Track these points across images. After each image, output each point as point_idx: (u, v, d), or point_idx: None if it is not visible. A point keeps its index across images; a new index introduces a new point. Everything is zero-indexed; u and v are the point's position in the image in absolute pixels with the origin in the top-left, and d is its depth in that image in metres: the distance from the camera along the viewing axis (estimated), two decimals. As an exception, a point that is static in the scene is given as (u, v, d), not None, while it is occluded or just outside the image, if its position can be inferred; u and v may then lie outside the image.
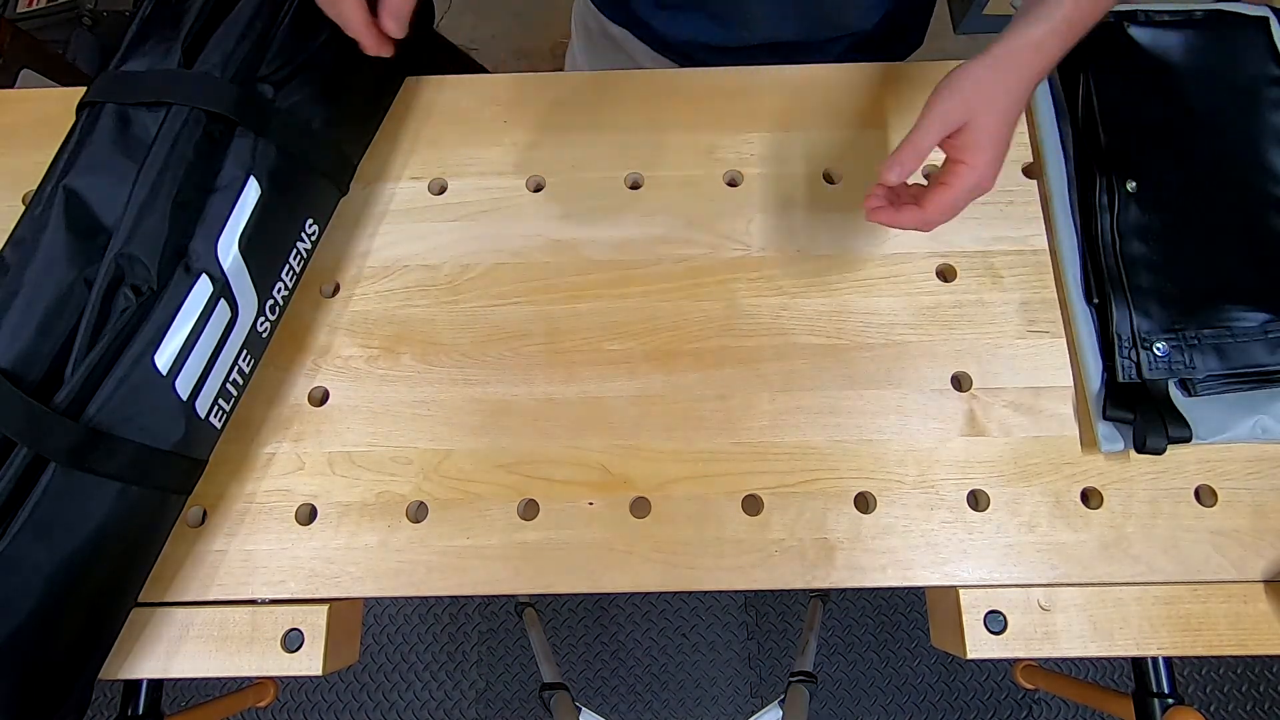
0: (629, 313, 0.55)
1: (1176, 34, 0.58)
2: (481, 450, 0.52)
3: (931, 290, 0.55)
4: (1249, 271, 0.52)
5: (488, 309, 0.56)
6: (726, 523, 0.50)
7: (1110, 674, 1.26)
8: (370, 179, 0.59)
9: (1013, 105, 0.45)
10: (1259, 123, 0.56)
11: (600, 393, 0.53)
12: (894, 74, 0.61)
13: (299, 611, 0.50)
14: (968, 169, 0.44)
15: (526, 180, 0.59)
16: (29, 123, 0.61)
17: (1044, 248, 0.56)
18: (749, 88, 0.61)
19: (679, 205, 0.58)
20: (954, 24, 1.71)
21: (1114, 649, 0.48)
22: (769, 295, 0.55)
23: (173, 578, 0.50)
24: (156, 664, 0.49)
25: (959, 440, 0.52)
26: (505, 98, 0.62)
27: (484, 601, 1.34)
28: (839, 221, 0.57)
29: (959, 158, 0.45)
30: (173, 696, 0.53)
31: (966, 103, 0.44)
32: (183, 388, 0.45)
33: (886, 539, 0.50)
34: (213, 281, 0.45)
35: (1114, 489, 0.51)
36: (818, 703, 1.26)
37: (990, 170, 0.45)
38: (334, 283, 0.57)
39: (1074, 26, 0.45)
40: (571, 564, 0.50)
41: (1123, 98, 0.56)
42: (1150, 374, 0.50)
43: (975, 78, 0.44)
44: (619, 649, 1.30)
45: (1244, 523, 0.50)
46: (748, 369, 0.54)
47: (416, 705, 1.29)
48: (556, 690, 0.87)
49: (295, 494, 0.52)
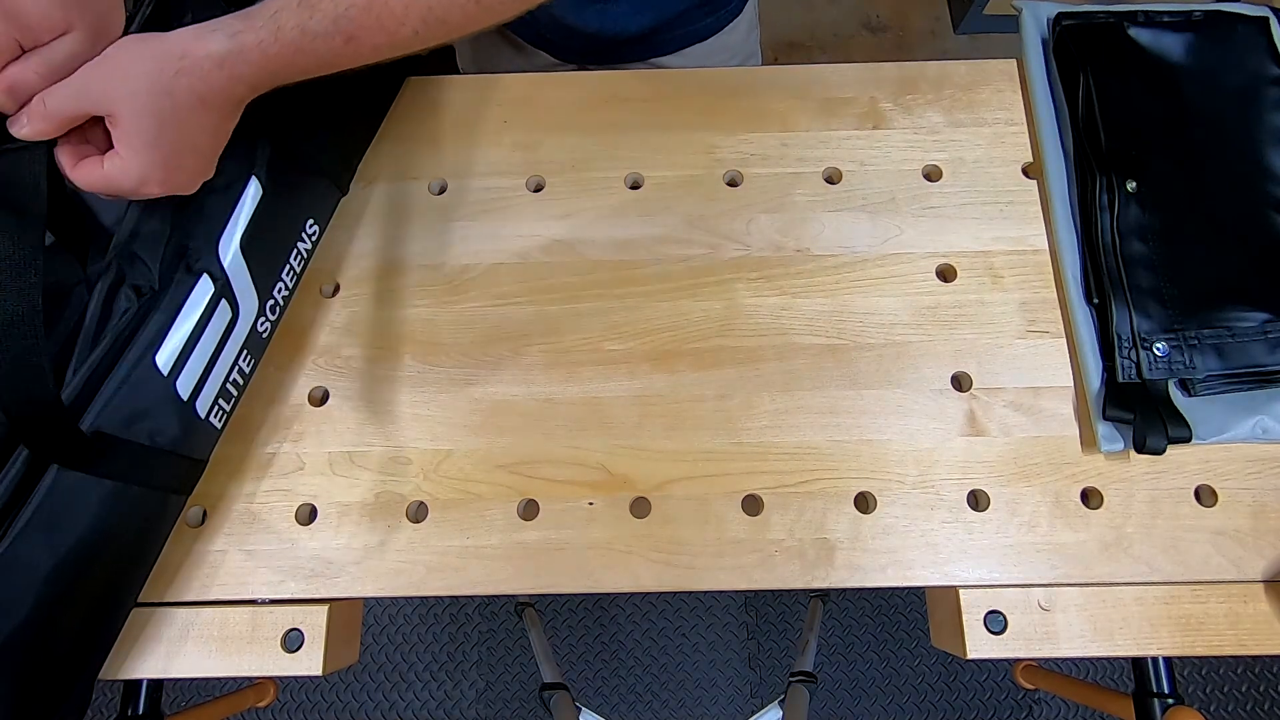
0: (629, 313, 0.55)
1: (1176, 34, 0.58)
2: (481, 450, 0.52)
3: (931, 290, 0.55)
4: (1249, 271, 0.52)
5: (488, 309, 0.56)
6: (726, 523, 0.51)
7: (1110, 674, 1.26)
8: (370, 179, 0.59)
9: (154, 99, 0.39)
10: (1259, 123, 0.56)
11: (600, 393, 0.53)
12: (894, 74, 0.61)
13: (299, 611, 0.50)
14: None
15: (526, 180, 0.59)
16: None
17: (1044, 248, 0.56)
18: (749, 88, 0.61)
19: (679, 205, 0.58)
20: (954, 24, 1.71)
21: (1114, 649, 0.48)
22: (769, 295, 0.56)
23: (173, 578, 0.50)
24: (156, 664, 0.49)
25: (959, 440, 0.52)
26: (505, 98, 0.62)
27: (484, 601, 1.34)
28: (839, 221, 0.57)
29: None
30: (173, 696, 0.53)
31: (106, 79, 0.39)
32: (183, 388, 0.45)
33: (886, 539, 0.50)
34: (214, 281, 0.45)
35: (1114, 489, 0.51)
36: (818, 703, 1.26)
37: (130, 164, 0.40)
38: (334, 283, 0.57)
39: (273, 63, 0.40)
40: (571, 564, 0.50)
41: (1123, 98, 0.56)
42: (1150, 374, 0.50)
43: (121, 53, 0.39)
44: (619, 649, 1.30)
45: (1244, 523, 0.50)
46: (748, 369, 0.54)
47: (416, 705, 1.29)
48: (556, 690, 0.87)
49: (295, 494, 0.52)
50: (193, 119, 0.41)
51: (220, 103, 0.41)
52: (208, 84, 0.40)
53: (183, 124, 0.40)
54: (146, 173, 0.40)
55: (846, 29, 1.74)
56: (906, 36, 1.72)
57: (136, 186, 0.40)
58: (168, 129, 0.40)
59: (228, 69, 0.40)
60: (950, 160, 0.59)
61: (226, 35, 0.39)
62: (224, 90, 0.41)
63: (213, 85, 0.40)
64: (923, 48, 1.71)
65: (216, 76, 0.40)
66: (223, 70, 0.40)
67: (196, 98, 0.40)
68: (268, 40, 0.40)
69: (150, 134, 0.39)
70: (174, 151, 0.41)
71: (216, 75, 0.40)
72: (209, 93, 0.40)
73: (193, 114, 0.40)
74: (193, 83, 0.39)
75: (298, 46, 0.40)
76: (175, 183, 0.42)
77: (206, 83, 0.40)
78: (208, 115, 0.41)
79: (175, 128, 0.40)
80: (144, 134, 0.39)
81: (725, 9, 0.72)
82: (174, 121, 0.40)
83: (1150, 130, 0.55)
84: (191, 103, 0.40)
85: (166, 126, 0.40)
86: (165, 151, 0.40)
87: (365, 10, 0.40)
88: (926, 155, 0.59)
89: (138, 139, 0.39)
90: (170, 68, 0.39)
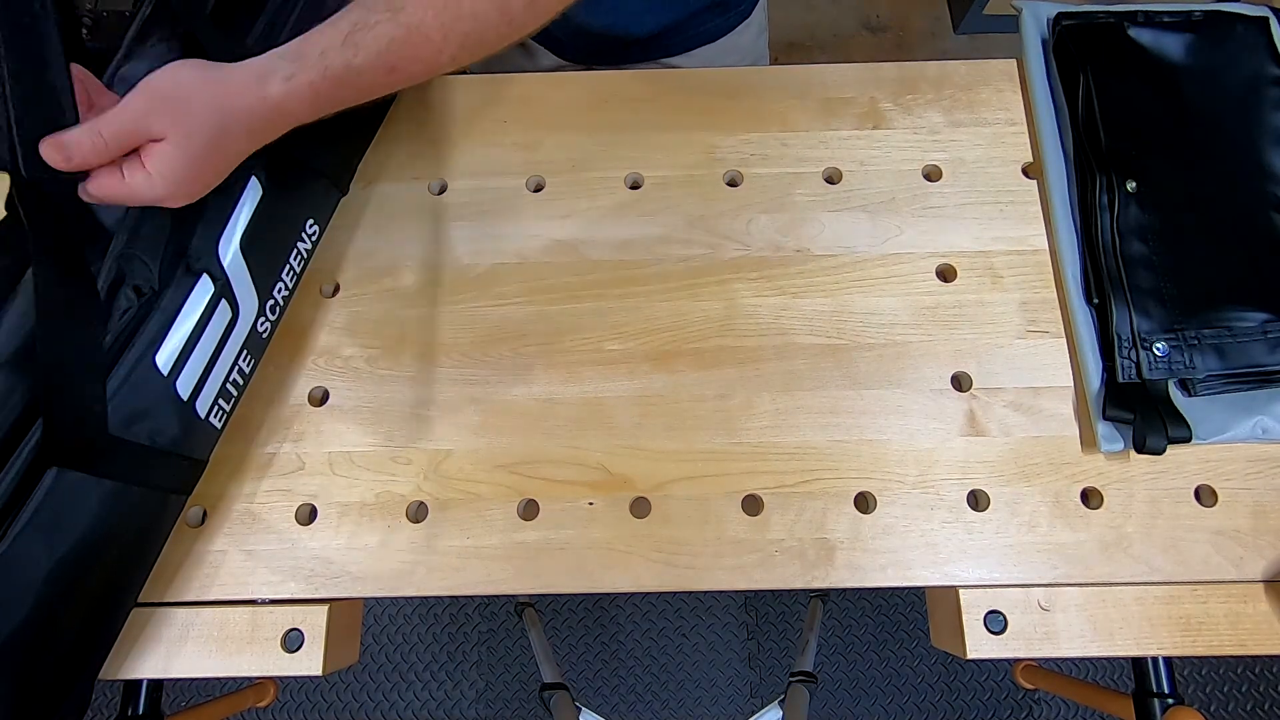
0: (629, 313, 0.55)
1: (1176, 34, 0.58)
2: (481, 450, 0.52)
3: (931, 290, 0.55)
4: (1249, 271, 0.52)
5: (488, 309, 0.56)
6: (726, 523, 0.50)
7: (1110, 674, 1.26)
8: (370, 179, 0.59)
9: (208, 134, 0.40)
10: (1259, 123, 0.56)
11: (600, 393, 0.53)
12: (894, 74, 0.61)
13: (299, 611, 0.50)
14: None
15: (526, 180, 0.59)
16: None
17: (1044, 248, 0.56)
18: (749, 88, 0.61)
19: (679, 205, 0.58)
20: (954, 24, 1.71)
21: (1114, 649, 0.48)
22: (769, 295, 0.56)
23: (173, 578, 0.50)
24: (156, 664, 0.49)
25: (959, 440, 0.52)
26: (505, 98, 0.62)
27: (484, 601, 1.33)
28: (839, 221, 0.57)
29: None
30: (173, 696, 0.53)
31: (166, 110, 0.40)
32: (183, 388, 0.45)
33: (886, 539, 0.50)
34: (214, 281, 0.45)
35: (1114, 489, 0.51)
36: (818, 703, 1.26)
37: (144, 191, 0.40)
38: (334, 283, 0.57)
39: (320, 100, 0.43)
40: (571, 564, 0.50)
41: (1123, 98, 0.56)
42: (1150, 374, 0.50)
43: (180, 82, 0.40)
44: (619, 649, 1.30)
45: (1244, 523, 0.50)
46: (748, 369, 0.54)
47: (416, 705, 1.29)
48: (556, 690, 0.87)
49: (295, 494, 0.52)
50: (234, 148, 0.43)
51: (266, 137, 0.44)
52: (261, 123, 0.42)
53: (225, 153, 0.42)
54: (173, 191, 0.41)
55: (846, 29, 1.74)
56: (906, 36, 1.72)
57: (156, 201, 0.41)
58: (211, 158, 0.42)
59: (282, 110, 0.42)
60: (950, 160, 0.59)
61: (283, 79, 0.41)
62: (273, 126, 0.43)
63: (266, 124, 0.43)
64: (923, 48, 1.71)
65: (271, 117, 0.42)
66: (279, 113, 0.42)
67: (246, 133, 0.42)
68: (317, 80, 0.42)
69: (193, 164, 0.41)
70: (205, 173, 0.42)
71: (272, 116, 0.42)
72: (259, 130, 0.43)
73: (236, 144, 0.42)
74: (249, 122, 0.42)
75: (343, 82, 0.43)
76: (192, 196, 0.43)
77: (261, 122, 0.42)
78: (250, 145, 0.43)
79: (218, 156, 0.42)
80: (187, 163, 0.40)
81: (735, 10, 0.72)
82: (219, 152, 0.42)
83: (1150, 130, 0.55)
84: (240, 137, 0.42)
85: (211, 156, 0.41)
86: (196, 173, 0.41)
87: (405, 43, 0.43)
88: (926, 155, 0.59)
89: (179, 164, 0.40)
90: (229, 107, 0.41)
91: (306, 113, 0.43)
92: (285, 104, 0.42)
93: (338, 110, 0.45)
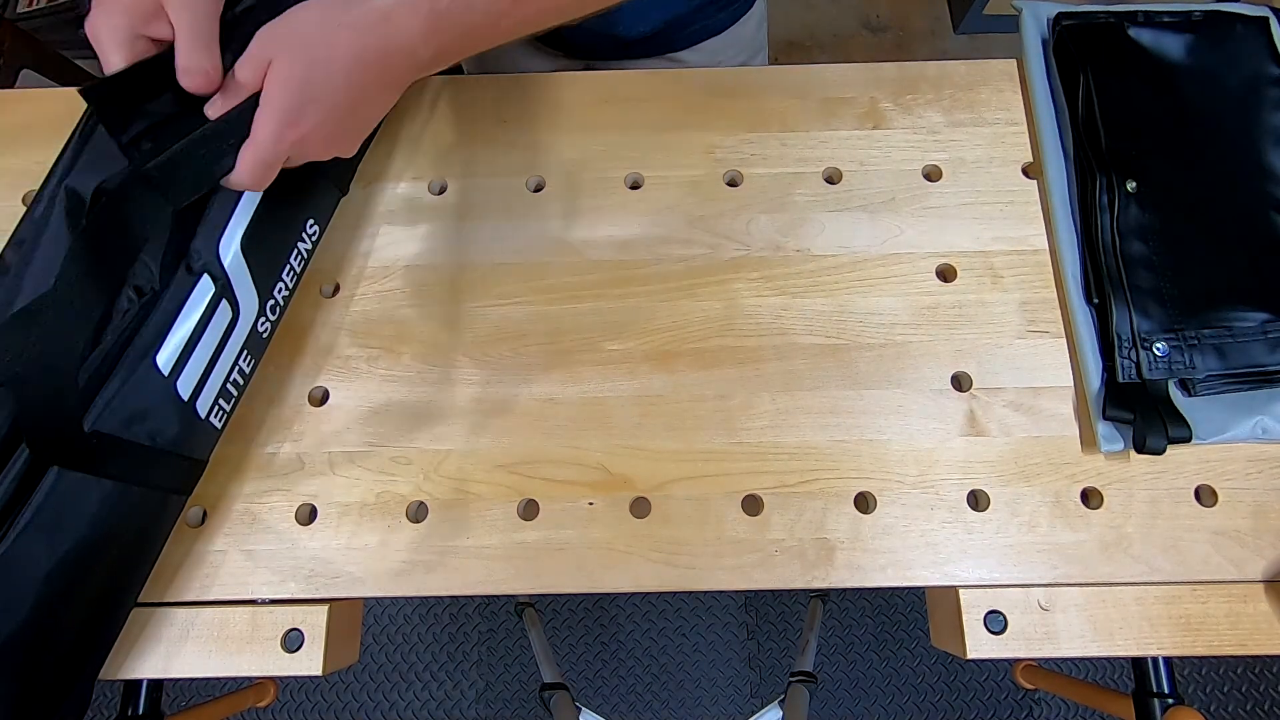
0: (629, 313, 0.55)
1: (1176, 34, 0.58)
2: (481, 450, 0.52)
3: (931, 290, 0.55)
4: (1249, 271, 0.52)
5: (488, 309, 0.56)
6: (726, 523, 0.51)
7: (1110, 674, 1.26)
8: (370, 179, 0.59)
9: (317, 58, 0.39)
10: (1259, 123, 0.56)
11: (600, 393, 0.53)
12: (894, 74, 0.61)
13: (299, 611, 0.50)
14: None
15: (526, 180, 0.59)
16: (29, 123, 0.60)
17: (1044, 248, 0.56)
18: (749, 88, 0.61)
19: (679, 205, 0.58)
20: (954, 24, 1.71)
21: (1114, 649, 0.48)
22: (769, 295, 0.56)
23: (173, 578, 0.50)
24: (156, 664, 0.49)
25: (959, 440, 0.52)
26: (505, 97, 0.62)
27: (484, 601, 1.34)
28: (839, 221, 0.57)
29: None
30: (173, 696, 0.53)
31: (276, 39, 0.39)
32: (184, 388, 0.45)
33: (886, 539, 0.50)
34: (214, 281, 0.45)
35: (1114, 489, 0.51)
36: (818, 703, 1.27)
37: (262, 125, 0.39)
38: (334, 283, 0.57)
39: (441, 20, 0.40)
40: (571, 564, 0.50)
41: (1123, 98, 0.56)
42: (1150, 374, 0.50)
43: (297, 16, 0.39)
44: (619, 649, 1.30)
45: (1244, 523, 0.50)
46: (748, 369, 0.54)
47: (416, 705, 1.29)
48: (556, 690, 0.87)
49: (295, 494, 0.52)
50: (342, 75, 0.40)
51: (378, 65, 0.40)
52: (367, 40, 0.39)
53: (331, 76, 0.39)
54: (283, 118, 0.39)
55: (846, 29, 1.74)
56: (906, 36, 1.73)
57: (272, 138, 0.39)
58: (316, 76, 0.39)
59: (392, 21, 0.39)
60: (950, 160, 0.59)
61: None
62: (382, 50, 0.40)
63: (371, 42, 0.39)
64: (923, 48, 1.71)
65: (379, 30, 0.39)
66: (387, 23, 0.39)
67: (353, 55, 0.39)
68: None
69: (298, 79, 0.38)
70: (314, 104, 0.39)
71: (379, 29, 0.39)
72: (365, 51, 0.39)
73: (345, 71, 0.39)
74: (353, 37, 0.39)
75: (467, 2, 0.40)
76: (307, 141, 0.40)
77: (366, 38, 0.39)
78: (362, 74, 0.40)
79: (324, 79, 0.39)
80: (293, 77, 0.38)
81: (739, 2, 0.72)
82: (325, 72, 0.39)
83: (1150, 130, 0.55)
84: (347, 59, 0.39)
85: (316, 73, 0.39)
86: (305, 99, 0.39)
87: None
88: (926, 155, 0.59)
89: (288, 82, 0.38)
90: (335, 18, 0.39)
91: (422, 37, 0.40)
92: (396, 15, 0.39)
93: (462, 51, 0.41)
